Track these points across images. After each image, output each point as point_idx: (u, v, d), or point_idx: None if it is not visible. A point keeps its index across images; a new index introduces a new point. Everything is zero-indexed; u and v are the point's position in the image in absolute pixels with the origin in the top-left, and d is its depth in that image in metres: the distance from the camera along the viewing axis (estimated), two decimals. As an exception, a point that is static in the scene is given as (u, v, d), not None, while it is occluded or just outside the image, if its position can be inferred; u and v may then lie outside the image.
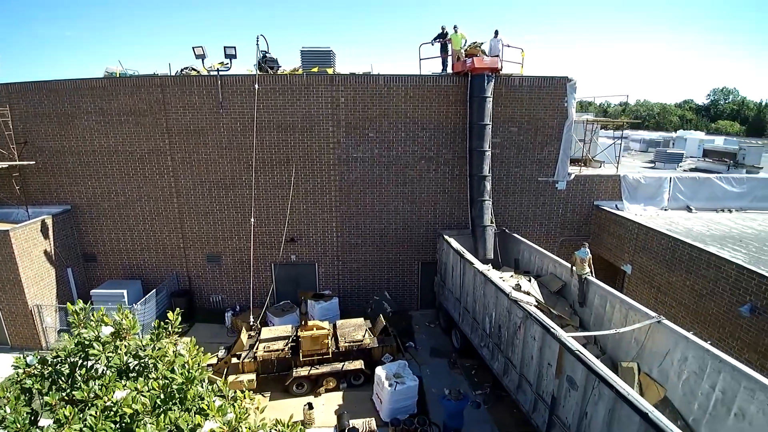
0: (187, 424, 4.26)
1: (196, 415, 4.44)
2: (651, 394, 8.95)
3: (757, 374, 6.80)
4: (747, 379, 6.87)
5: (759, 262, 10.32)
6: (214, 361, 11.96)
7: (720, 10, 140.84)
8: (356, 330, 12.47)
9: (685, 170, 18.60)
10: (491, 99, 13.26)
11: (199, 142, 13.93)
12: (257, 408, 5.13)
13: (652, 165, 19.57)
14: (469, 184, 13.80)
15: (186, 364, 5.14)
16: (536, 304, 11.06)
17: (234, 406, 4.76)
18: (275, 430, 4.99)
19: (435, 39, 14.26)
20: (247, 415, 4.73)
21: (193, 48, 13.23)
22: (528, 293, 11.33)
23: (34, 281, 13.29)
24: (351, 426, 9.36)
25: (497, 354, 10.56)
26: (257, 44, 13.49)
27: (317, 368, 11.54)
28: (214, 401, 4.57)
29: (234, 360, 11.65)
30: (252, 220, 12.91)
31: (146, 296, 13.60)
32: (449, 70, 14.38)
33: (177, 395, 4.74)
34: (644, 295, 12.71)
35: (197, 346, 5.36)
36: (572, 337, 8.35)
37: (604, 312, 10.16)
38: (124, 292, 13.94)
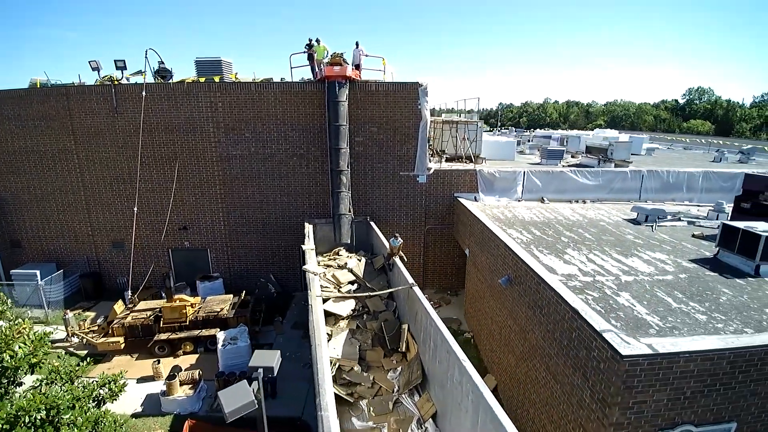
0: None
1: None
2: (413, 350, 10.64)
3: (443, 327, 8.44)
4: (440, 334, 8.49)
5: (537, 241, 11.89)
6: (95, 328, 14.09)
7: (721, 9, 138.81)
8: (219, 304, 14.40)
9: (565, 165, 19.95)
10: (345, 103, 15.04)
11: (99, 143, 16.08)
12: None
13: (539, 162, 20.98)
14: (330, 177, 15.60)
15: None
16: (354, 279, 12.86)
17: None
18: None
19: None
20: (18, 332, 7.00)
21: (89, 62, 15.44)
22: (351, 270, 13.12)
23: (-39, 262, 15.60)
24: (173, 374, 11.28)
25: (316, 320, 12.34)
26: (146, 57, 15.57)
27: (177, 334, 13.51)
28: None
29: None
30: (135, 209, 14.94)
31: (52, 276, 15.79)
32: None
33: None
34: (473, 274, 14.29)
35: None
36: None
37: (397, 284, 11.86)
38: (37, 272, 16.11)
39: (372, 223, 15.58)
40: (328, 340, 10.72)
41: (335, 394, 9.39)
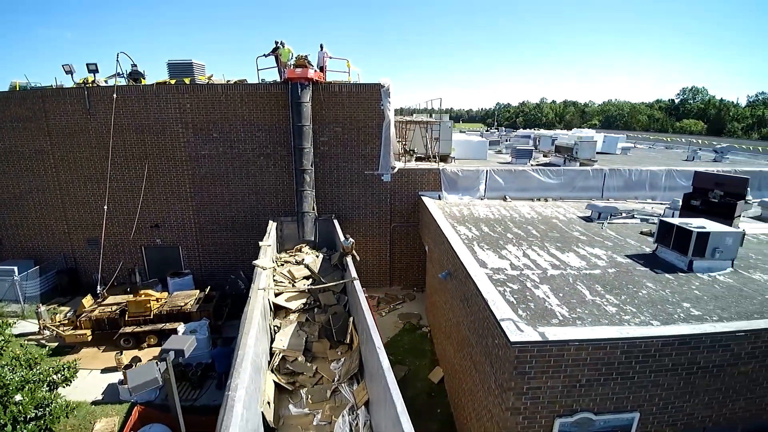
0: None
1: None
2: (356, 342, 11.07)
3: (369, 316, 8.86)
4: (366, 323, 8.88)
5: (482, 237, 12.28)
6: (65, 321, 14.68)
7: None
8: (184, 299, 14.92)
9: (534, 164, 20.26)
10: (308, 104, 15.49)
11: (73, 143, 16.66)
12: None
13: (510, 161, 21.30)
14: (294, 176, 16.06)
15: None
16: (309, 274, 13.34)
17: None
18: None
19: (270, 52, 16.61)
20: None
21: (63, 66, 16.02)
22: (306, 265, 13.58)
23: (-58, 259, 16.24)
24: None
25: (271, 314, 12.81)
26: (117, 61, 16.15)
27: (141, 327, 14.05)
28: None
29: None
30: (105, 207, 15.51)
31: (28, 272, 16.40)
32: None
33: None
34: (430, 270, 14.69)
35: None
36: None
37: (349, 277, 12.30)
38: (15, 268, 16.71)
39: (335, 221, 16.02)
40: (276, 332, 11.20)
41: (275, 382, 9.91)
